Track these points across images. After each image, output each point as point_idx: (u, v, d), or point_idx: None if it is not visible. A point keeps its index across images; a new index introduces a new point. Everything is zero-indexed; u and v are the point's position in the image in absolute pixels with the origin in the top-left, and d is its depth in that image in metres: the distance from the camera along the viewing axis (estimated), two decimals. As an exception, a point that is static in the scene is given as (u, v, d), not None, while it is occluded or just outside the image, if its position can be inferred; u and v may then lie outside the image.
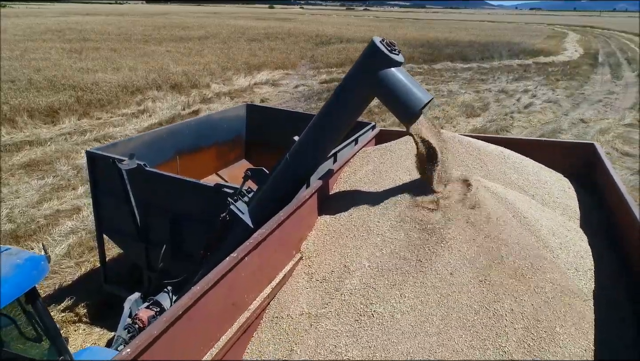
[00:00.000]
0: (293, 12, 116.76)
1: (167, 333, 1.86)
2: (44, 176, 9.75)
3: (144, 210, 4.83)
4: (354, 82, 3.20)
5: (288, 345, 2.37)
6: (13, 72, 18.50)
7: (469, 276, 2.45)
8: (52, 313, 5.51)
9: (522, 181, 3.46)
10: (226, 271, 2.21)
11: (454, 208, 2.84)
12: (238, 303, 2.42)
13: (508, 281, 2.42)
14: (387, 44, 3.04)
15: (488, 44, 37.88)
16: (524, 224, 2.79)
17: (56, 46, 27.23)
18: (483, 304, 2.32)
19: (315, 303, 2.57)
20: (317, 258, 2.90)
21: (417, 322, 2.29)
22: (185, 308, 1.95)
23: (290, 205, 2.94)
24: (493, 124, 15.16)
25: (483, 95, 19.85)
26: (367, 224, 2.98)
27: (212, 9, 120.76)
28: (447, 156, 3.14)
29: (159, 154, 5.94)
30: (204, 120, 7.17)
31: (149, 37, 35.04)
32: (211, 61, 24.12)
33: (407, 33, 47.07)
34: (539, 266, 2.52)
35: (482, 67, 27.55)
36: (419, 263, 2.61)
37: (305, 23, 61.98)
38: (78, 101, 15.10)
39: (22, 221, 7.82)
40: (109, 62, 22.09)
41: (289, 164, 3.55)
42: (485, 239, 2.62)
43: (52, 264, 6.63)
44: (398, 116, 3.15)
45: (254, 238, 2.49)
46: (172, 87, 18.00)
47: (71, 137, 12.41)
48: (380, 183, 3.44)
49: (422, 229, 2.78)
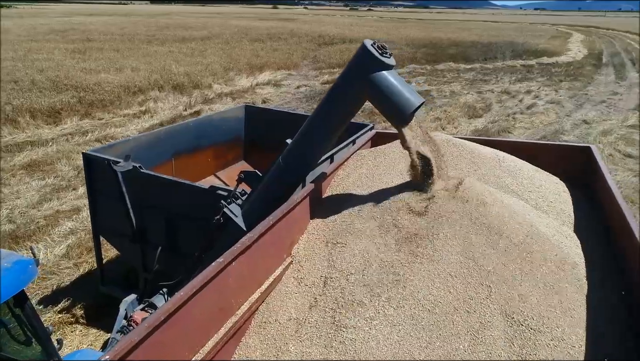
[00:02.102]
0: (296, 13, 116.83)
1: (150, 338, 1.85)
2: (44, 177, 9.79)
3: (139, 212, 4.83)
4: (346, 85, 3.19)
5: (275, 351, 2.37)
6: (16, 73, 18.58)
7: (451, 296, 2.45)
8: (49, 314, 5.53)
9: (515, 184, 3.44)
10: (212, 276, 2.20)
11: (443, 213, 2.83)
12: (226, 308, 2.42)
13: (496, 298, 2.41)
14: (379, 47, 3.03)
15: (491, 45, 37.78)
16: (514, 229, 2.77)
17: (59, 47, 27.34)
18: (467, 327, 2.31)
19: (303, 309, 2.56)
20: (307, 263, 2.90)
21: (394, 339, 2.29)
22: (169, 313, 1.94)
23: (281, 208, 2.94)
24: (495, 125, 15.11)
25: (485, 96, 19.78)
26: (357, 230, 2.97)
27: (216, 10, 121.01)
28: (440, 164, 3.13)
29: (157, 155, 5.94)
30: (203, 121, 7.16)
31: (152, 38, 35.13)
32: (213, 61, 24.15)
33: (410, 33, 47.00)
34: (527, 272, 2.51)
35: (485, 68, 27.47)
36: (401, 275, 2.60)
37: (308, 23, 62.00)
38: (80, 102, 15.16)
39: (22, 221, 7.85)
40: (111, 63, 22.15)
41: (282, 167, 3.55)
42: (471, 254, 2.62)
43: (50, 265, 6.65)
44: (389, 119, 3.14)
45: (242, 243, 2.48)
46: (174, 88, 18.03)
47: (72, 137, 12.45)
48: (373, 187, 3.43)
49: (409, 238, 2.77)
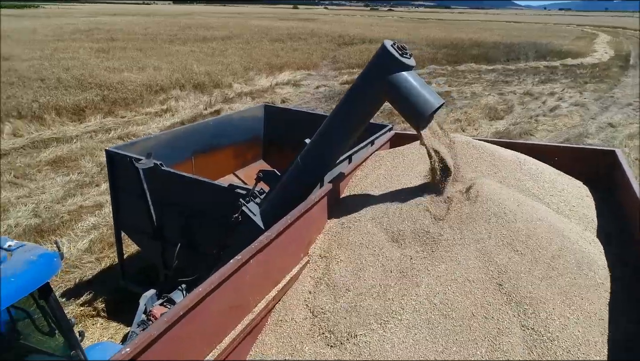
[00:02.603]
0: (316, 13, 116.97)
1: (168, 333, 1.89)
2: (69, 173, 10.03)
3: (160, 209, 4.91)
4: (365, 85, 3.18)
5: (290, 350, 2.38)
6: (43, 71, 19.06)
7: (468, 301, 2.42)
8: (71, 307, 5.67)
9: (537, 188, 3.39)
10: (230, 273, 2.23)
11: (462, 216, 2.80)
12: (243, 305, 2.44)
13: (515, 304, 2.37)
14: (399, 48, 3.02)
15: (514, 45, 37.16)
16: (535, 234, 2.73)
17: (84, 46, 27.96)
18: (485, 333, 2.29)
19: (318, 309, 2.57)
20: (323, 263, 2.90)
21: (409, 343, 2.28)
22: (187, 308, 1.97)
23: (299, 208, 2.95)
24: (516, 127, 14.87)
25: (507, 97, 19.48)
26: (373, 232, 2.96)
27: (237, 10, 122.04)
28: (458, 166, 3.11)
29: (177, 154, 6.03)
30: (223, 120, 7.24)
31: (174, 37, 35.63)
32: (234, 61, 24.37)
33: (430, 34, 46.57)
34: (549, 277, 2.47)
35: (507, 69, 27.04)
36: (417, 278, 2.59)
37: (329, 23, 62.01)
38: (104, 100, 15.47)
39: (47, 216, 8.06)
40: (134, 62, 22.55)
41: (300, 167, 3.57)
42: (490, 262, 2.58)
43: (73, 259, 6.82)
44: (409, 120, 3.13)
45: (260, 241, 2.50)
46: (195, 87, 18.26)
47: (96, 135, 12.73)
48: (391, 188, 3.41)
49: (426, 241, 2.76)
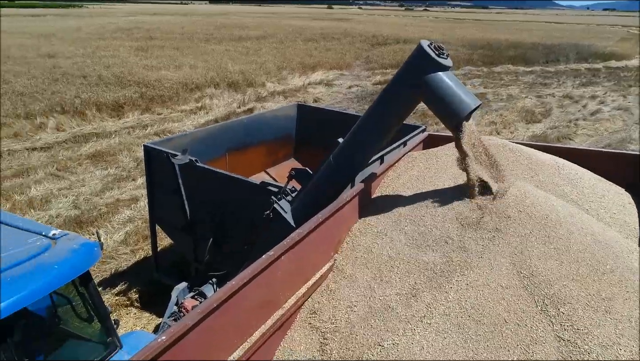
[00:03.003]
0: (351, 13, 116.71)
1: (202, 324, 1.94)
2: (107, 167, 10.40)
3: (193, 204, 5.03)
4: (401, 85, 3.16)
5: (318, 346, 2.40)
6: (85, 69, 19.80)
7: (501, 307, 2.38)
8: (107, 296, 5.87)
9: (575, 193, 3.28)
10: (262, 268, 2.27)
11: (496, 221, 2.75)
12: (273, 301, 2.48)
13: (551, 313, 2.31)
14: (435, 48, 2.98)
15: (554, 46, 36.02)
16: (574, 241, 2.65)
17: (125, 44, 28.87)
18: (517, 340, 2.23)
19: (346, 308, 2.57)
20: (353, 263, 2.90)
21: (438, 346, 2.25)
22: (220, 301, 2.02)
23: (330, 207, 2.97)
24: (554, 131, 14.43)
25: (545, 100, 18.91)
26: (404, 233, 2.94)
27: (271, 10, 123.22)
28: (494, 169, 3.06)
29: (211, 150, 6.15)
30: (255, 118, 7.33)
31: (210, 37, 36.31)
32: (267, 60, 24.63)
33: (466, 34, 45.71)
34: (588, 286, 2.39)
35: (546, 71, 26.25)
36: (448, 282, 2.55)
37: (362, 23, 61.78)
38: (142, 97, 15.94)
39: (86, 208, 8.37)
40: (171, 60, 23.13)
41: (333, 166, 3.58)
42: (521, 268, 2.52)
43: (110, 250, 7.06)
44: (444, 121, 3.09)
45: (291, 238, 2.53)
46: (229, 85, 18.57)
47: (134, 130, 13.13)
48: (424, 190, 3.38)
49: (459, 245, 2.71)
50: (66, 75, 18.39)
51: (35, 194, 8.77)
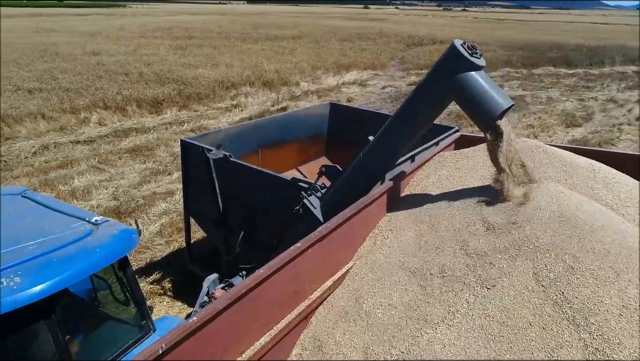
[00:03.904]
0: (387, 13, 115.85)
1: (231, 308, 2.03)
2: (145, 161, 10.77)
3: (226, 197, 5.17)
4: (432, 84, 3.17)
5: (338, 340, 2.45)
6: (127, 66, 20.53)
7: (526, 310, 2.36)
8: (142, 284, 6.10)
9: (611, 197, 3.19)
10: (289, 259, 2.34)
11: (519, 222, 2.72)
12: (299, 291, 2.55)
13: (577, 319, 2.28)
14: (469, 47, 2.98)
15: (599, 48, 34.64)
16: (605, 246, 2.59)
17: (165, 43, 29.74)
18: (542, 344, 2.22)
19: (370, 304, 2.61)
20: (378, 259, 2.94)
21: (460, 345, 2.26)
22: (248, 288, 2.11)
23: (358, 203, 3.01)
24: (596, 136, 13.91)
25: (587, 104, 18.24)
26: (430, 233, 2.95)
27: (308, 9, 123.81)
28: (524, 170, 3.02)
29: (244, 147, 6.29)
30: (288, 116, 7.44)
31: (247, 36, 36.90)
32: (302, 59, 24.83)
33: (506, 35, 44.61)
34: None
35: (589, 73, 25.29)
36: (471, 283, 2.54)
37: (399, 24, 61.26)
38: (180, 94, 16.40)
39: (124, 199, 8.71)
40: (209, 59, 23.66)
41: (362, 163, 3.63)
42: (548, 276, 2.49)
43: (146, 241, 7.33)
44: (476, 120, 3.08)
45: (319, 231, 2.59)
46: (264, 84, 18.84)
47: (171, 126, 13.53)
48: (452, 190, 3.37)
49: (485, 248, 2.71)
50: (109, 72, 19.12)
51: (77, 185, 9.20)
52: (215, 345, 2.00)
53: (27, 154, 10.87)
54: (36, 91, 15.70)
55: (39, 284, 2.35)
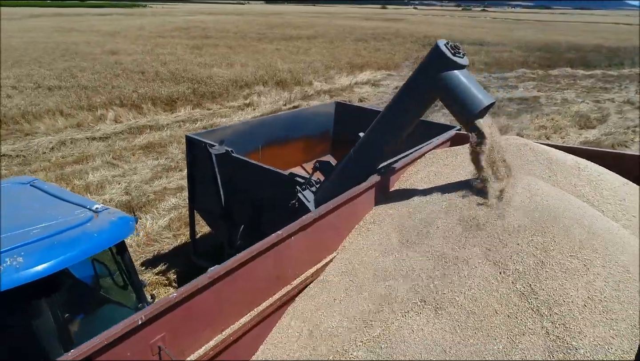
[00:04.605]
0: (404, 13, 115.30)
1: (212, 287, 2.18)
2: (158, 157, 11.05)
3: (228, 192, 5.35)
4: (418, 83, 3.29)
5: (315, 323, 2.59)
6: (144, 65, 20.97)
7: (493, 299, 2.46)
8: (148, 275, 6.34)
9: (593, 194, 3.26)
10: (269, 245, 2.49)
11: (494, 213, 2.82)
12: (282, 276, 2.70)
13: (542, 308, 2.37)
14: (452, 47, 3.09)
15: (619, 49, 34.03)
16: (574, 239, 2.67)
17: (181, 42, 30.22)
18: (506, 330, 2.32)
19: (346, 294, 2.74)
20: (359, 251, 3.07)
21: (427, 331, 2.37)
22: (228, 269, 2.26)
23: (343, 195, 3.14)
24: (609, 138, 13.74)
25: (603, 105, 17.99)
26: (411, 227, 3.07)
27: (326, 9, 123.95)
28: (505, 166, 3.12)
29: (251, 143, 6.47)
30: (294, 114, 7.60)
31: (262, 36, 37.22)
32: (316, 59, 24.99)
33: (524, 35, 44.07)
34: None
35: (607, 75, 24.90)
36: (441, 273, 2.65)
37: (415, 24, 60.99)
38: (194, 93, 16.71)
39: (136, 194, 8.98)
40: (224, 58, 23.99)
41: (353, 159, 3.76)
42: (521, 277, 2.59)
43: (154, 234, 7.57)
44: (457, 117, 3.19)
45: (302, 221, 2.74)
46: (277, 83, 19.04)
47: (184, 124, 13.82)
48: (439, 186, 3.48)
49: (458, 237, 2.81)
50: (126, 71, 19.56)
51: (92, 180, 9.51)
52: (195, 321, 2.16)
53: (45, 150, 11.26)
54: (55, 88, 16.18)
55: (40, 264, 2.55)
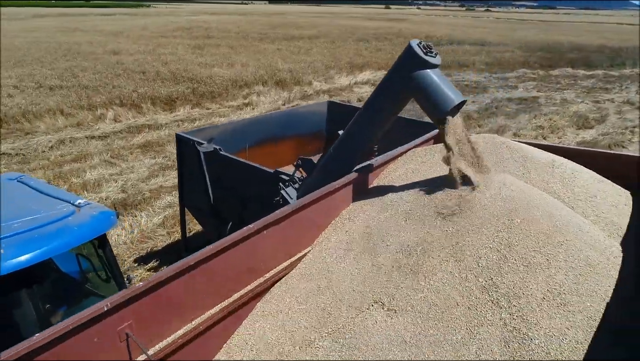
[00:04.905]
0: (407, 13, 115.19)
1: (180, 278, 2.27)
2: (155, 156, 11.17)
3: (216, 189, 5.45)
4: (392, 82, 3.37)
5: (285, 319, 2.67)
6: (145, 65, 21.11)
7: (455, 292, 2.55)
8: (140, 270, 6.44)
9: (564, 191, 3.32)
10: (239, 239, 2.58)
11: (467, 209, 2.90)
12: (254, 269, 2.78)
13: (501, 300, 2.45)
14: (424, 47, 3.17)
15: (621, 49, 33.94)
16: (540, 233, 2.75)
17: (183, 42, 30.37)
18: (466, 321, 2.41)
19: (313, 289, 2.83)
20: (333, 247, 3.15)
21: (388, 322, 2.44)
22: (197, 261, 2.35)
23: (319, 192, 3.22)
24: (606, 138, 13.76)
25: (602, 106, 17.99)
26: (381, 221, 3.15)
27: (329, 10, 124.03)
28: (478, 163, 3.20)
29: (242, 142, 6.56)
30: (287, 113, 7.70)
31: (264, 36, 37.35)
32: (316, 59, 25.07)
33: (526, 35, 44.02)
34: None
35: (608, 75, 24.86)
36: (408, 265, 2.73)
37: (418, 24, 61.02)
38: (193, 92, 16.83)
39: (132, 192, 9.10)
40: (225, 58, 24.12)
41: (333, 156, 3.85)
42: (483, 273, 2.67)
43: (149, 232, 7.68)
44: (429, 115, 3.26)
45: (275, 215, 2.82)
46: (277, 83, 19.14)
47: (183, 123, 13.94)
48: (414, 182, 3.56)
49: (429, 229, 2.89)
50: (127, 70, 19.71)
51: (89, 178, 9.63)
52: (164, 310, 2.24)
53: (45, 148, 11.40)
54: (57, 88, 16.34)
55: (21, 256, 2.65)
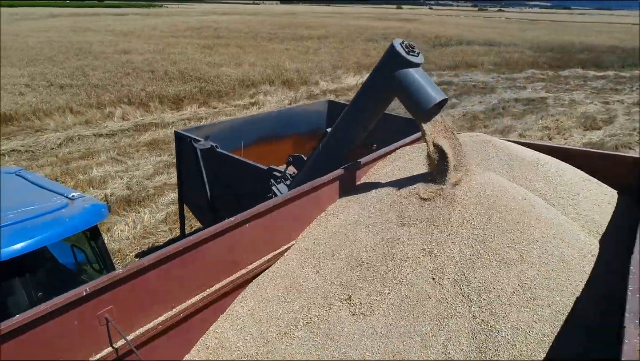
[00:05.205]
0: (418, 13, 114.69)
1: (160, 268, 2.37)
2: (161, 154, 11.34)
3: (213, 186, 5.56)
4: (375, 81, 3.45)
5: (266, 312, 2.77)
6: (154, 64, 21.38)
7: (428, 285, 2.60)
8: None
9: (547, 189, 3.36)
10: (221, 230, 2.67)
11: (440, 204, 2.96)
12: (236, 261, 2.87)
13: (471, 293, 2.50)
14: (406, 46, 3.23)
15: (633, 50, 33.50)
16: (515, 228, 2.80)
17: (193, 42, 30.66)
18: (436, 313, 2.47)
19: (300, 281, 2.92)
20: (317, 240, 3.23)
21: (358, 314, 2.52)
22: (177, 250, 2.45)
23: (304, 187, 3.31)
24: (613, 139, 13.64)
25: (612, 107, 17.81)
26: (366, 216, 3.23)
27: (339, 9, 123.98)
28: (461, 159, 3.25)
29: (241, 140, 6.67)
30: (286, 112, 7.80)
31: (273, 36, 37.52)
32: (324, 59, 25.15)
33: (537, 36, 43.65)
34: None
35: (619, 76, 24.57)
36: (382, 264, 2.81)
37: (428, 24, 60.75)
38: (200, 91, 17.02)
39: (136, 189, 9.26)
40: (233, 58, 24.31)
41: (321, 153, 3.93)
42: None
43: (151, 228, 7.83)
44: (412, 113, 3.33)
45: (257, 209, 2.91)
46: (284, 83, 19.27)
47: (189, 122, 14.10)
48: (399, 179, 3.63)
49: (405, 224, 2.95)
50: (136, 70, 19.98)
51: (95, 175, 9.83)
52: (143, 297, 2.34)
53: (53, 146, 11.64)
54: (67, 86, 16.64)
55: (14, 245, 2.77)
